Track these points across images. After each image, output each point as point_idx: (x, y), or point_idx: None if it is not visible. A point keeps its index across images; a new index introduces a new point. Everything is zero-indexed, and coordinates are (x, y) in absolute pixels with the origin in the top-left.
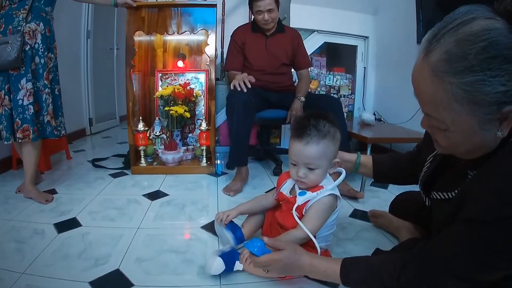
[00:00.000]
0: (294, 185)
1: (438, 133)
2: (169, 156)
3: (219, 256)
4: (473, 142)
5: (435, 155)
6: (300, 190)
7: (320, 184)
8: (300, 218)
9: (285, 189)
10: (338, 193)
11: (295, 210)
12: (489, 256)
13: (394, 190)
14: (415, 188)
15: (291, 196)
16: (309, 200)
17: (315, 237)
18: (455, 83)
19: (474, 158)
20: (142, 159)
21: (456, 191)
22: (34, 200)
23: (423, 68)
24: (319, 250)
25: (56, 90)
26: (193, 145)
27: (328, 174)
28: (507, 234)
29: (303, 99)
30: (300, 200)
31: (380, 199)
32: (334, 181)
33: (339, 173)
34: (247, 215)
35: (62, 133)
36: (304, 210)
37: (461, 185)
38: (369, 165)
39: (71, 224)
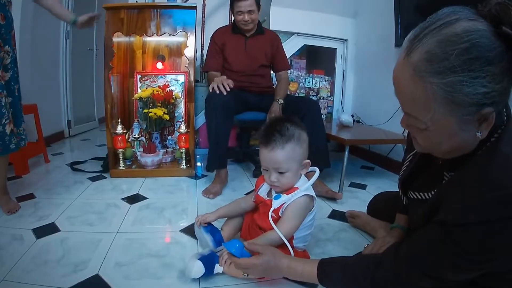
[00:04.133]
0: (271, 188)
1: (418, 132)
2: (148, 159)
3: (198, 259)
4: (452, 142)
5: (414, 154)
6: (276, 194)
7: (296, 185)
8: (276, 221)
9: (263, 192)
10: (313, 193)
11: (272, 213)
12: (459, 257)
13: (372, 191)
14: (392, 188)
15: (268, 198)
16: (284, 203)
17: (292, 238)
18: (436, 83)
19: (452, 159)
20: (121, 162)
21: (431, 193)
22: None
23: (404, 67)
24: (292, 252)
25: (16, 90)
26: (173, 148)
27: (303, 175)
28: (476, 238)
29: (281, 101)
30: (276, 203)
31: (358, 199)
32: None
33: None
34: (225, 217)
35: (25, 142)
36: (280, 212)
37: (436, 186)
38: (407, 219)
39: (50, 229)
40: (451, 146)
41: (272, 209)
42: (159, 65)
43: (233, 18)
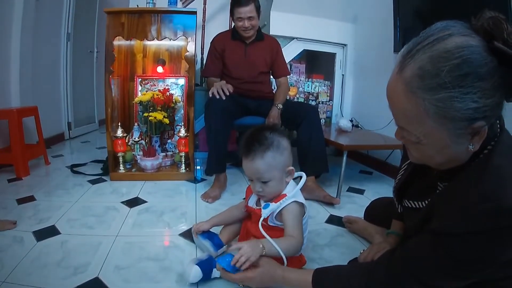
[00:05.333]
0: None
1: (411, 144)
2: (147, 163)
3: (196, 264)
4: (444, 155)
5: (409, 163)
6: (264, 203)
7: (284, 192)
8: (268, 229)
9: (251, 202)
10: (302, 200)
11: (263, 222)
12: (451, 266)
13: (370, 196)
14: (390, 193)
15: (257, 207)
16: (272, 212)
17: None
18: (428, 99)
19: (445, 170)
20: (121, 165)
21: (425, 202)
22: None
23: (397, 83)
24: (285, 261)
25: None
26: (172, 151)
27: (292, 181)
28: (468, 248)
29: (280, 106)
30: (265, 213)
31: (356, 204)
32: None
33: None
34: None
35: None
36: (269, 220)
37: (430, 196)
38: (402, 226)
39: (50, 232)
40: (443, 158)
41: (261, 218)
42: (160, 69)
43: (233, 23)
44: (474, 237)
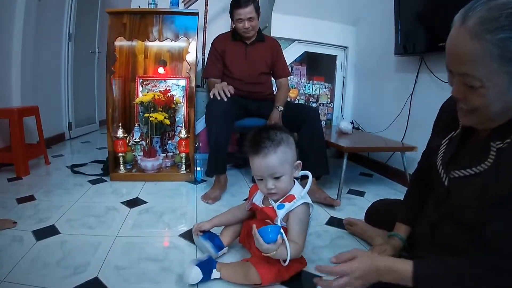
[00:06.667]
0: (264, 196)
1: (471, 93)
2: (148, 163)
3: (196, 265)
4: (503, 101)
5: (450, 137)
6: (278, 203)
7: (291, 193)
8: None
9: (257, 200)
10: (309, 200)
11: (268, 221)
12: None
13: (370, 198)
14: (390, 195)
15: (263, 206)
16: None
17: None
18: (490, 39)
19: (499, 129)
20: (121, 165)
21: (483, 165)
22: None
23: (460, 33)
24: (287, 261)
25: None
26: (173, 152)
27: (297, 182)
28: None
29: (281, 108)
30: (281, 214)
31: (356, 206)
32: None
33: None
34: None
35: None
36: (276, 221)
37: (485, 159)
38: (407, 230)
39: (50, 231)
40: (501, 105)
41: (279, 219)
42: (161, 70)
43: (234, 24)
44: None
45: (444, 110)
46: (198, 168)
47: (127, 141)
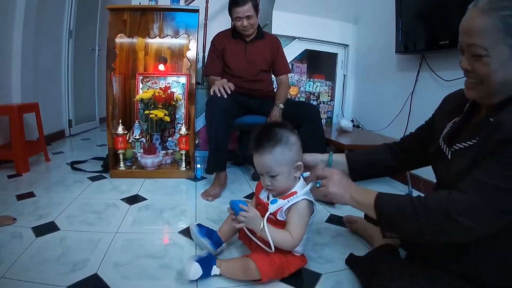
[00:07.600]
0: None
1: (477, 62)
2: (148, 160)
3: (196, 261)
4: (504, 72)
5: (455, 121)
6: (272, 198)
7: (294, 190)
8: (274, 224)
9: (263, 195)
10: (311, 198)
11: (271, 215)
12: None
13: None
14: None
15: (267, 201)
16: (281, 207)
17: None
18: (495, 15)
19: (497, 106)
20: (121, 162)
21: (477, 138)
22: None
23: (472, 12)
24: (272, 250)
25: None
26: (173, 149)
27: (302, 179)
28: None
29: (282, 106)
30: (272, 208)
31: None
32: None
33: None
34: (223, 219)
35: None
36: (278, 215)
37: (483, 132)
38: (343, 161)
39: (49, 228)
40: (502, 76)
41: (268, 213)
42: (161, 67)
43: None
44: None
45: (448, 100)
46: (198, 165)
47: (127, 138)
